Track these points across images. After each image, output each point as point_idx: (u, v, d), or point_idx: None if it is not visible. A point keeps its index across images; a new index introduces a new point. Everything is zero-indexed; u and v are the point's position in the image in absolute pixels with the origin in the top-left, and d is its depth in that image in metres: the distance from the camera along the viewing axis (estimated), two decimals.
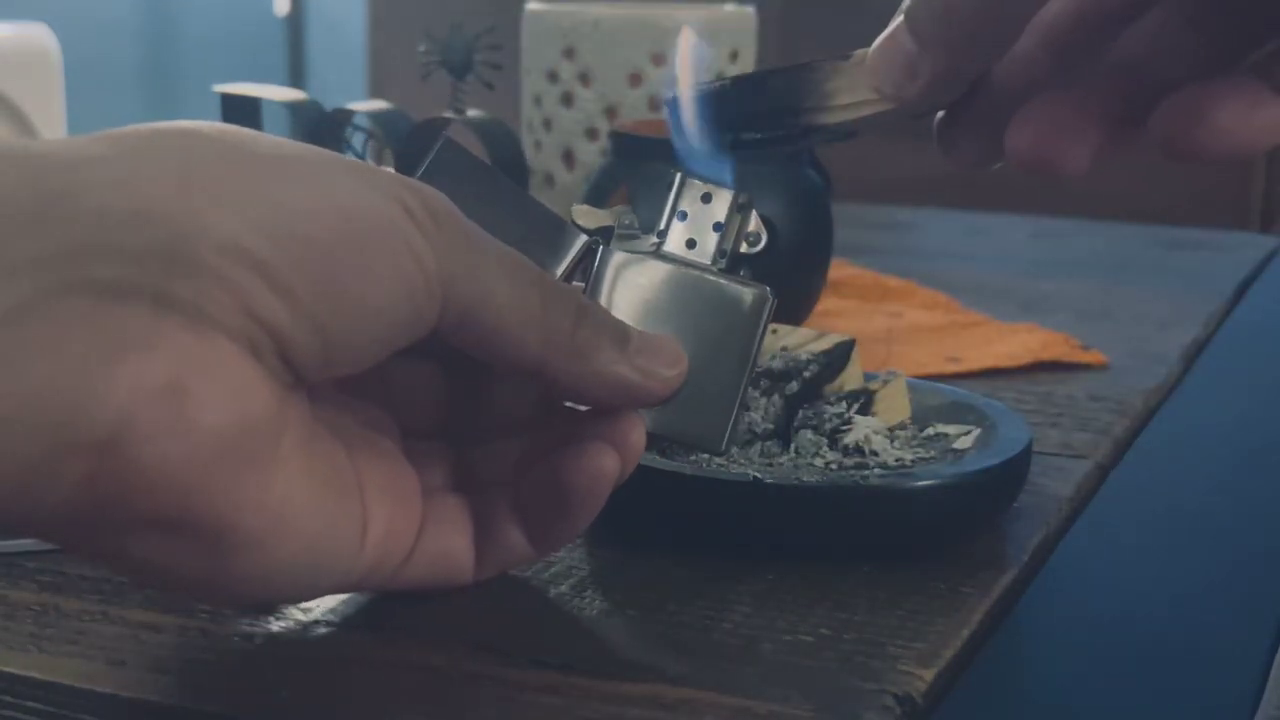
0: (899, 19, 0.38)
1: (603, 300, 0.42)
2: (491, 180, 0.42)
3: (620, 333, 0.39)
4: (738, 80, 0.43)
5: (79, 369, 0.30)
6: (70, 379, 0.30)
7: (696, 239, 0.43)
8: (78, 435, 0.30)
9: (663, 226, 0.43)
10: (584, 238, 0.43)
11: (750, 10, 0.91)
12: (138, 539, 0.33)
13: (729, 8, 0.91)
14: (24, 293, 0.30)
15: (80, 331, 0.30)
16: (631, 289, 0.43)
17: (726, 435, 0.42)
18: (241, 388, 0.32)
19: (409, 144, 0.72)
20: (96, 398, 0.30)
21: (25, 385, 0.30)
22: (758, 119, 0.43)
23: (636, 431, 0.40)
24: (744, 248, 0.44)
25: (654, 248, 0.43)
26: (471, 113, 0.79)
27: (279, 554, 0.34)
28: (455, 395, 0.42)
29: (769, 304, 0.43)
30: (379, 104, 0.76)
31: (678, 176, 0.44)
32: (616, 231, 0.43)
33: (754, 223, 0.44)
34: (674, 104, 0.44)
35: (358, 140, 0.75)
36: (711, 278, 0.43)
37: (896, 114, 0.40)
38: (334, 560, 0.36)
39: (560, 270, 0.42)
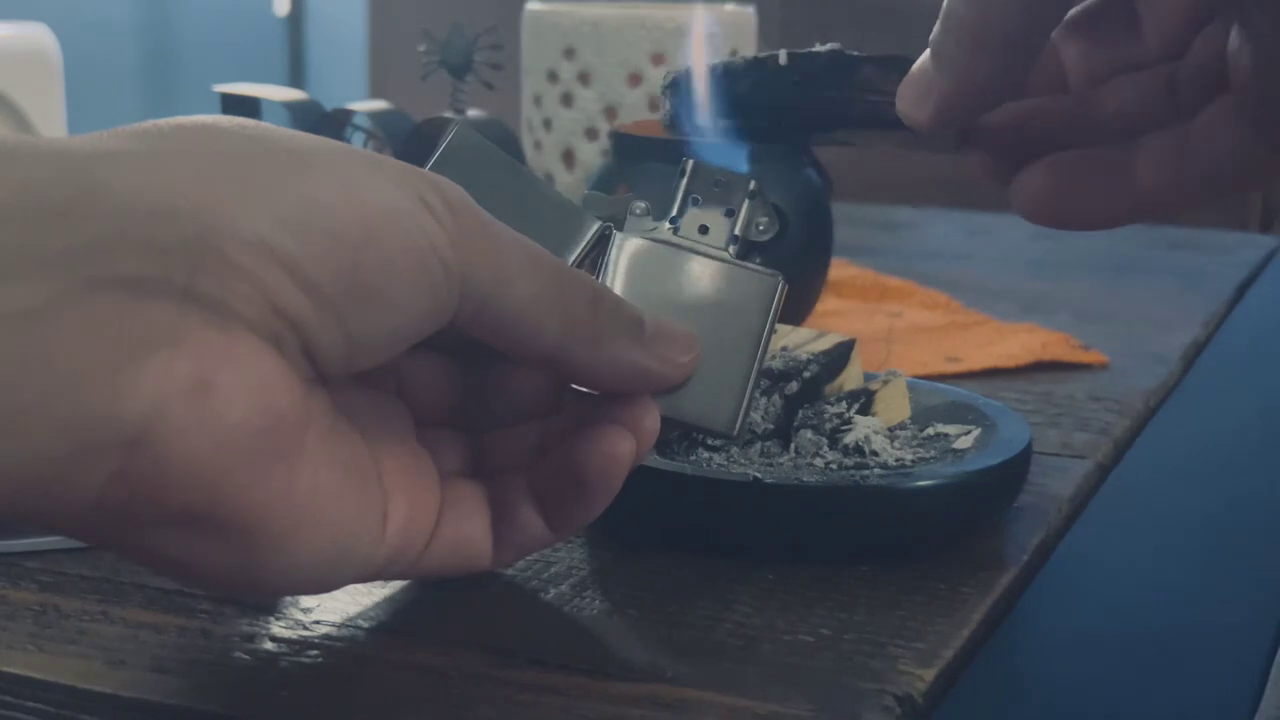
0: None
1: (615, 286, 0.42)
2: (505, 167, 0.42)
3: (634, 319, 0.40)
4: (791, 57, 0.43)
5: (106, 366, 0.30)
6: (97, 376, 0.30)
7: (708, 225, 0.44)
8: (105, 433, 0.30)
9: (675, 212, 0.44)
10: (597, 224, 0.43)
11: (750, 10, 0.91)
12: (164, 535, 0.33)
13: (729, 8, 0.91)
14: (50, 289, 0.30)
15: (107, 328, 0.30)
16: (644, 274, 0.43)
17: (739, 419, 0.42)
18: (267, 383, 0.32)
19: (409, 144, 0.73)
20: (123, 395, 0.30)
21: (52, 382, 0.30)
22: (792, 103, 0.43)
23: (650, 416, 0.40)
24: (755, 234, 0.44)
25: (666, 233, 0.43)
26: (471, 113, 0.80)
27: (305, 546, 0.34)
28: (468, 382, 0.42)
29: (781, 289, 0.43)
30: (379, 104, 0.76)
31: (690, 162, 0.44)
32: (629, 218, 0.44)
33: (765, 209, 0.44)
34: (686, 82, 0.44)
35: (358, 140, 0.75)
36: (724, 263, 0.43)
37: (921, 141, 0.41)
38: (357, 550, 0.36)
39: (573, 257, 0.42)
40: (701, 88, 0.43)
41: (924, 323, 0.78)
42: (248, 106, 0.75)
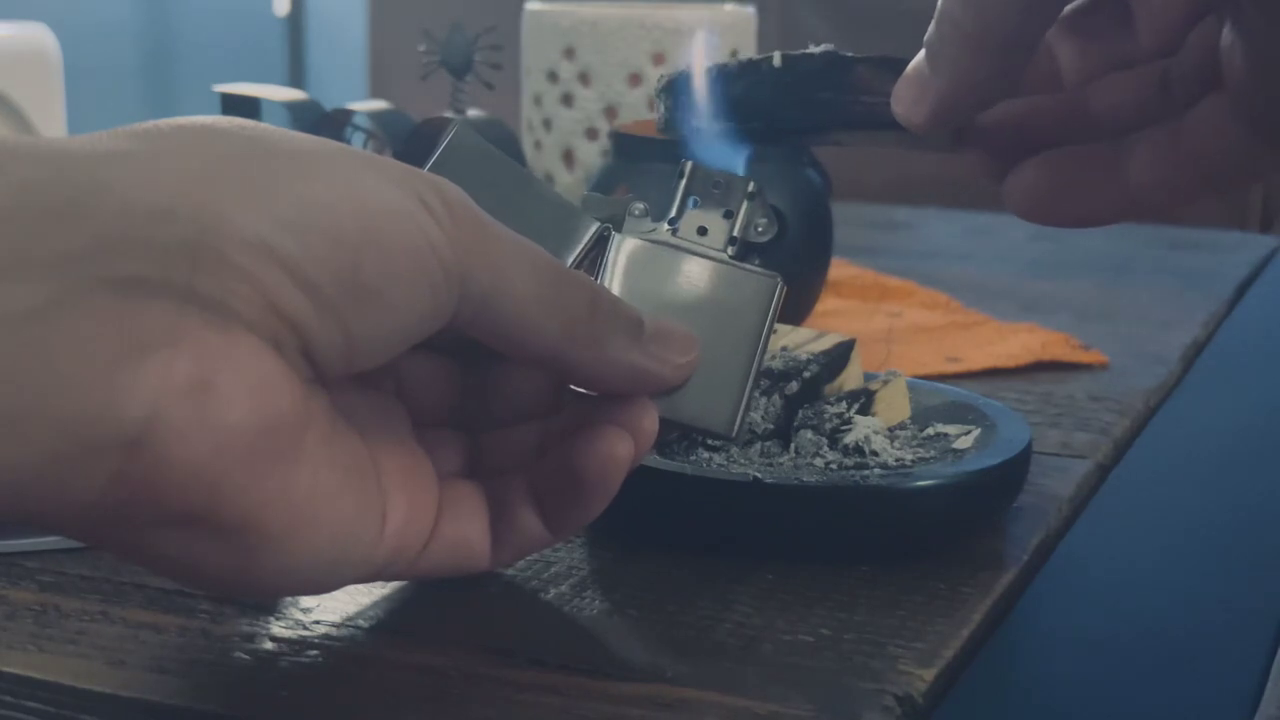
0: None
1: (614, 287, 0.42)
2: (504, 167, 0.42)
3: (633, 320, 0.40)
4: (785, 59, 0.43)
5: (105, 367, 0.30)
6: (97, 377, 0.30)
7: (707, 226, 0.44)
8: (104, 433, 0.30)
9: (673, 214, 0.44)
10: (596, 225, 0.43)
11: (750, 10, 0.91)
12: (164, 536, 0.33)
13: (729, 8, 0.91)
14: (51, 289, 0.30)
15: (106, 329, 0.30)
16: (643, 275, 0.43)
17: (738, 420, 0.42)
18: (266, 384, 0.32)
19: (409, 144, 0.73)
20: (123, 396, 0.30)
21: (51, 382, 0.30)
22: (788, 105, 0.43)
23: (649, 417, 0.40)
24: (754, 235, 0.44)
25: (665, 235, 0.43)
26: (471, 113, 0.80)
27: (303, 547, 0.34)
28: (467, 383, 0.42)
29: (779, 290, 0.43)
30: (379, 104, 0.76)
31: (689, 164, 0.44)
32: (627, 219, 0.44)
33: (764, 211, 0.44)
34: (685, 84, 0.44)
35: (357, 140, 0.75)
36: (723, 264, 0.43)
37: (916, 141, 0.41)
38: (355, 551, 0.36)
39: (572, 258, 0.42)
40: (697, 91, 0.43)
41: (924, 323, 0.78)
42: (248, 106, 0.75)
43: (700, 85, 0.43)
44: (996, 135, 0.41)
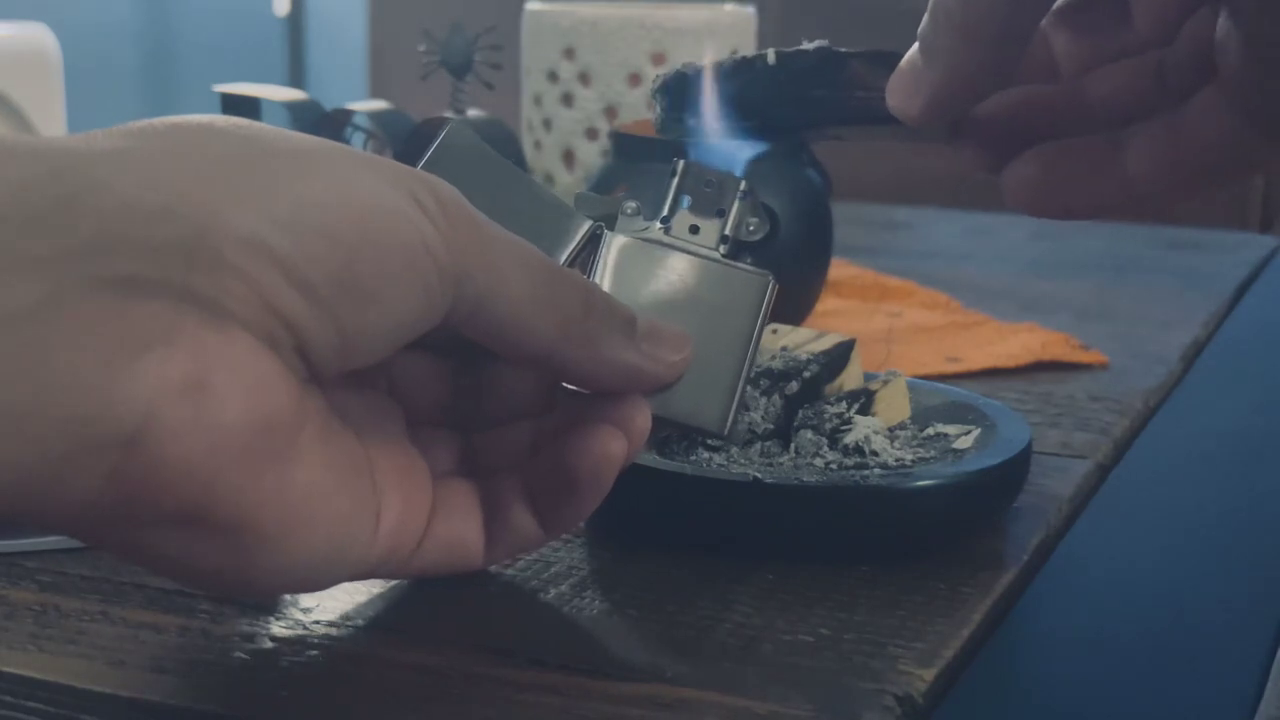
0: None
1: (606, 285, 0.42)
2: (497, 166, 0.42)
3: (627, 318, 0.40)
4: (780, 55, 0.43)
5: (102, 366, 0.30)
6: (93, 376, 0.30)
7: (699, 225, 0.44)
8: (101, 432, 0.30)
9: (665, 212, 0.44)
10: (589, 223, 0.43)
11: (750, 10, 0.91)
12: (161, 535, 0.33)
13: (729, 8, 0.91)
14: (47, 288, 0.30)
15: (102, 327, 0.30)
16: (635, 274, 0.43)
17: (729, 418, 0.42)
18: (262, 383, 0.32)
19: (409, 144, 0.73)
20: (119, 395, 0.30)
21: (48, 381, 0.30)
22: (783, 101, 0.43)
23: (641, 415, 0.40)
24: (745, 234, 0.44)
25: (657, 233, 0.43)
26: (471, 113, 0.80)
27: (299, 546, 0.34)
28: (460, 382, 0.42)
29: (770, 288, 0.43)
30: (379, 104, 0.76)
31: (681, 163, 0.44)
32: (620, 217, 0.44)
33: (755, 210, 0.44)
34: (680, 84, 0.44)
35: (357, 140, 0.75)
36: (714, 263, 0.43)
37: (912, 134, 0.41)
38: (350, 549, 0.36)
39: (564, 256, 0.42)
40: (692, 91, 0.44)
41: (924, 323, 0.78)
42: (248, 106, 0.75)
43: (696, 85, 0.43)
44: (992, 127, 0.41)
